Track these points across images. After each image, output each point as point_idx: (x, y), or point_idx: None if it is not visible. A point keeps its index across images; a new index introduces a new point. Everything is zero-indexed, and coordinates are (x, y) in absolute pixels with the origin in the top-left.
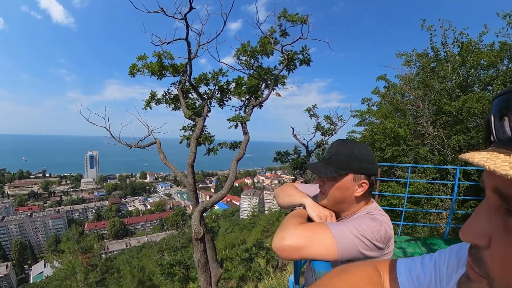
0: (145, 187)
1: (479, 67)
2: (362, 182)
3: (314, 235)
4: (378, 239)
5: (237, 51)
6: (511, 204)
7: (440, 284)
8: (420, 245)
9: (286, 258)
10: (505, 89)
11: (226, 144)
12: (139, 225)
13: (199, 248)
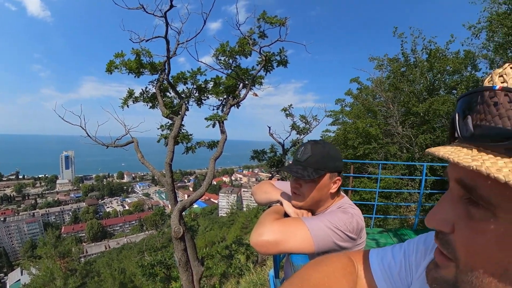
0: (123, 187)
1: (445, 72)
2: (336, 179)
3: (290, 230)
4: (350, 230)
5: (216, 51)
6: (473, 193)
7: (409, 270)
8: (391, 236)
9: (265, 253)
10: (468, 92)
11: (204, 143)
12: (117, 226)
13: (179, 247)
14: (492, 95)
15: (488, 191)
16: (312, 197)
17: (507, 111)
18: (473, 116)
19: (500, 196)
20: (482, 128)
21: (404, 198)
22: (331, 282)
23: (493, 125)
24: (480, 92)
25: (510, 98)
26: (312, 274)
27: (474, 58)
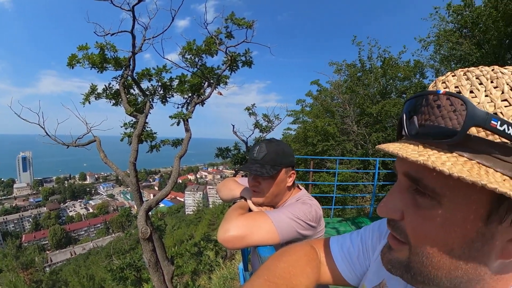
0: (86, 189)
1: (396, 78)
2: (291, 173)
3: (255, 224)
4: (310, 219)
5: (183, 48)
6: (419, 184)
7: (367, 254)
8: (350, 224)
9: (232, 248)
10: (413, 95)
11: (169, 141)
12: (82, 231)
13: (147, 248)
14: (435, 99)
15: (433, 182)
16: (272, 192)
17: (448, 112)
18: (418, 116)
19: (444, 186)
20: (427, 127)
21: (359, 189)
22: (296, 270)
23: (436, 124)
24: (424, 95)
25: (451, 102)
26: (277, 265)
27: (422, 67)
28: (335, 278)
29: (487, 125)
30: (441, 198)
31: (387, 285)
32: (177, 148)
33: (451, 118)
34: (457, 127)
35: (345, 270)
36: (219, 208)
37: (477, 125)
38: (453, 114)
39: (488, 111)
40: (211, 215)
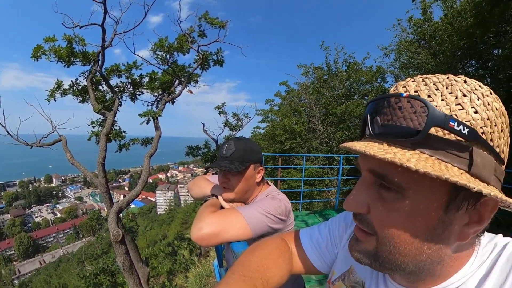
0: (52, 193)
1: (359, 82)
2: (259, 169)
3: (227, 220)
4: (280, 213)
5: (154, 45)
6: (385, 180)
7: (335, 243)
8: (317, 216)
9: (206, 245)
10: (376, 97)
11: (138, 140)
12: (51, 238)
13: (121, 251)
14: (397, 101)
15: (398, 178)
16: (241, 188)
17: (409, 114)
18: (381, 116)
19: (408, 181)
20: (390, 127)
21: (325, 184)
22: (269, 263)
23: (399, 124)
24: (386, 98)
25: (412, 104)
26: (251, 259)
27: (383, 73)
28: (307, 267)
29: (446, 125)
30: (405, 192)
31: (355, 271)
32: (147, 147)
33: (413, 119)
34: (419, 127)
35: (315, 259)
36: (191, 207)
37: (437, 126)
38: (414, 115)
39: (446, 113)
40: (183, 214)
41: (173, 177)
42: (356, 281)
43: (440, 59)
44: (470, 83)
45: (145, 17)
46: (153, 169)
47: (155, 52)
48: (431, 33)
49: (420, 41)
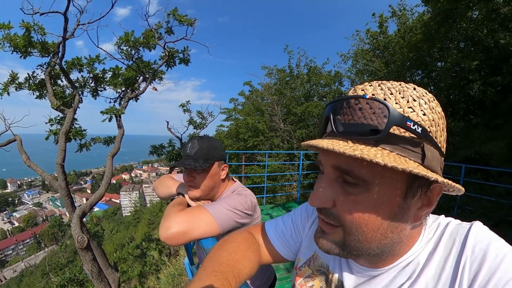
0: (7, 199)
1: (319, 85)
2: (224, 166)
3: (195, 218)
4: (246, 208)
5: (119, 39)
6: (351, 175)
7: (298, 232)
8: (281, 209)
9: (176, 244)
10: (336, 98)
11: (100, 139)
12: (9, 250)
13: (87, 258)
14: (357, 102)
15: (363, 172)
16: (206, 185)
17: (369, 114)
18: (342, 116)
19: (373, 174)
20: (353, 126)
21: (287, 179)
22: (238, 256)
23: (362, 123)
24: (346, 99)
25: (371, 106)
26: (220, 254)
27: (341, 77)
28: (275, 257)
29: (404, 125)
30: (369, 185)
31: (319, 255)
32: (109, 146)
33: (373, 119)
34: (380, 126)
35: (281, 249)
36: (157, 206)
37: (397, 125)
38: (374, 115)
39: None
40: (149, 214)
41: (137, 177)
42: (321, 265)
43: (391, 68)
44: (418, 90)
45: (112, 8)
46: (116, 169)
47: (119, 47)
48: (385, 44)
49: (375, 51)
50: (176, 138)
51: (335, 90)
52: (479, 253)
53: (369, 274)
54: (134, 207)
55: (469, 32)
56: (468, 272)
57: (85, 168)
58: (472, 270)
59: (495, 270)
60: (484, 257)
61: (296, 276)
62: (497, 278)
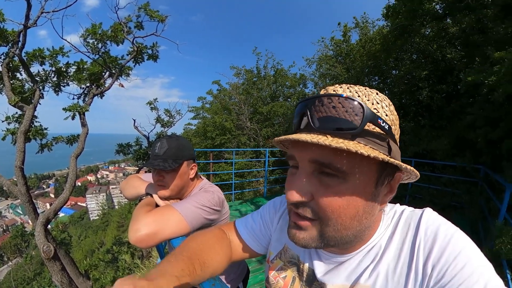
0: None
1: (284, 86)
2: (192, 166)
3: (164, 218)
4: (214, 204)
5: (86, 31)
6: (330, 167)
7: (268, 227)
8: (249, 204)
9: (146, 246)
10: (308, 97)
11: (62, 138)
12: None
13: (55, 269)
14: (330, 101)
15: (342, 164)
16: (176, 184)
17: (343, 112)
18: (317, 113)
19: (350, 166)
20: (331, 122)
21: (254, 175)
22: (205, 247)
23: (341, 118)
24: (320, 97)
25: (343, 104)
26: (189, 244)
27: (305, 80)
28: (247, 252)
29: (376, 121)
30: (347, 176)
31: (289, 247)
32: (72, 146)
33: (346, 116)
34: (356, 122)
35: (253, 244)
36: (126, 208)
37: (370, 122)
38: (347, 113)
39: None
40: (118, 217)
41: (103, 178)
42: (292, 256)
43: (351, 73)
44: (380, 95)
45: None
46: (81, 171)
47: (85, 39)
48: (347, 52)
49: (337, 57)
50: (143, 137)
51: (299, 91)
52: (430, 235)
53: (338, 260)
54: (102, 210)
55: (421, 46)
56: (423, 251)
57: (47, 170)
58: (426, 249)
59: (445, 247)
60: (435, 238)
61: (269, 268)
62: (448, 254)
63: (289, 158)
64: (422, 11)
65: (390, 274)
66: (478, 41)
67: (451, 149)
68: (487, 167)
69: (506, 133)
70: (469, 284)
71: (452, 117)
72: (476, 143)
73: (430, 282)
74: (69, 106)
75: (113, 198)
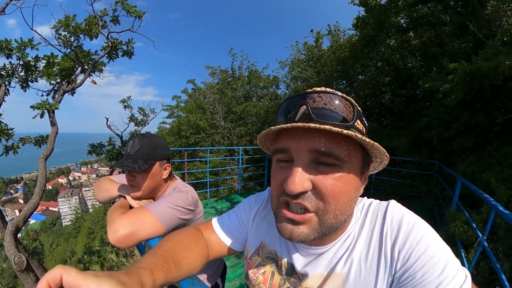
0: None
1: (258, 87)
2: (166, 166)
3: (139, 219)
4: (188, 204)
5: (58, 22)
6: (330, 155)
7: (243, 225)
8: (224, 201)
9: (126, 246)
10: (307, 91)
11: (30, 139)
12: None
13: (29, 281)
14: (325, 97)
15: (341, 152)
16: (148, 185)
17: (337, 107)
18: (317, 107)
19: (347, 154)
20: (327, 114)
21: (228, 173)
22: (180, 247)
23: (338, 112)
24: (319, 93)
25: (340, 101)
26: (165, 243)
27: (278, 81)
28: (224, 250)
29: (361, 119)
30: (344, 163)
31: (266, 244)
32: (41, 147)
33: (344, 111)
34: (350, 117)
35: (229, 242)
36: (100, 211)
37: (358, 118)
38: (340, 108)
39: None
40: (90, 222)
41: (75, 180)
42: (269, 252)
43: (321, 77)
44: (354, 99)
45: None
46: (51, 173)
47: (57, 31)
48: (318, 56)
49: (309, 61)
50: (117, 136)
51: (272, 92)
52: (396, 224)
53: (317, 252)
54: (75, 215)
55: (385, 55)
56: (390, 238)
57: (14, 174)
58: (393, 236)
59: (408, 234)
60: (400, 226)
61: (248, 265)
62: (411, 239)
63: (281, 152)
64: (388, 24)
65: (362, 261)
66: (435, 53)
67: (410, 146)
68: (440, 162)
69: (457, 133)
70: (431, 265)
71: (410, 119)
72: (431, 141)
73: (397, 265)
74: (37, 104)
75: (86, 201)
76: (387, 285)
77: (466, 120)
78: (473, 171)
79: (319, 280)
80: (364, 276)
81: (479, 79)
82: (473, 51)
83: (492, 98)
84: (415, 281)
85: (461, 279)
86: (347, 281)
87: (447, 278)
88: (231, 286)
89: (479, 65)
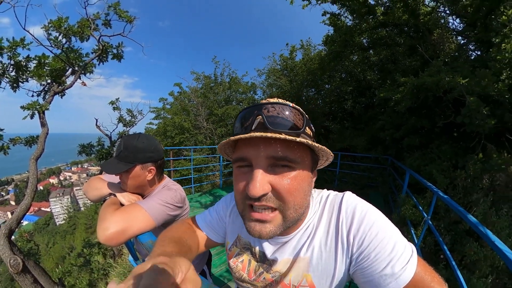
0: None
1: (237, 92)
2: (150, 169)
3: (130, 215)
4: (177, 201)
5: (50, 22)
6: (285, 159)
7: (222, 220)
8: (208, 195)
9: (116, 244)
10: (260, 102)
11: (20, 140)
12: None
13: (27, 282)
14: (277, 107)
15: (294, 156)
16: (131, 184)
17: (291, 116)
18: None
19: (299, 156)
20: (281, 123)
21: (210, 169)
22: (187, 236)
23: (289, 121)
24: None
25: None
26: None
27: (255, 88)
28: (208, 243)
29: (309, 125)
30: (296, 164)
31: (242, 236)
32: (31, 147)
33: (295, 119)
34: (300, 124)
35: (212, 235)
36: (92, 209)
37: (307, 125)
38: (298, 117)
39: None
40: (85, 218)
41: (66, 179)
42: (245, 243)
43: (293, 85)
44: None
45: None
46: (42, 174)
47: (47, 31)
48: (291, 67)
49: (283, 71)
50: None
51: (250, 97)
52: (350, 212)
53: (282, 241)
54: (67, 214)
55: (349, 68)
56: (345, 225)
57: (5, 175)
58: (348, 223)
59: (361, 221)
60: (353, 214)
61: (228, 256)
62: (364, 225)
63: (240, 160)
64: (353, 42)
65: (323, 246)
66: (390, 69)
67: (368, 144)
68: (393, 157)
69: (405, 133)
70: (382, 245)
71: (368, 122)
72: (385, 140)
73: (353, 248)
74: (28, 104)
75: (78, 200)
76: (346, 266)
77: (413, 123)
78: (418, 164)
79: (287, 264)
80: (325, 259)
81: (424, 91)
82: (421, 68)
83: (434, 106)
84: (370, 260)
85: (408, 254)
86: (311, 264)
87: (396, 255)
88: (219, 271)
89: (424, 80)
